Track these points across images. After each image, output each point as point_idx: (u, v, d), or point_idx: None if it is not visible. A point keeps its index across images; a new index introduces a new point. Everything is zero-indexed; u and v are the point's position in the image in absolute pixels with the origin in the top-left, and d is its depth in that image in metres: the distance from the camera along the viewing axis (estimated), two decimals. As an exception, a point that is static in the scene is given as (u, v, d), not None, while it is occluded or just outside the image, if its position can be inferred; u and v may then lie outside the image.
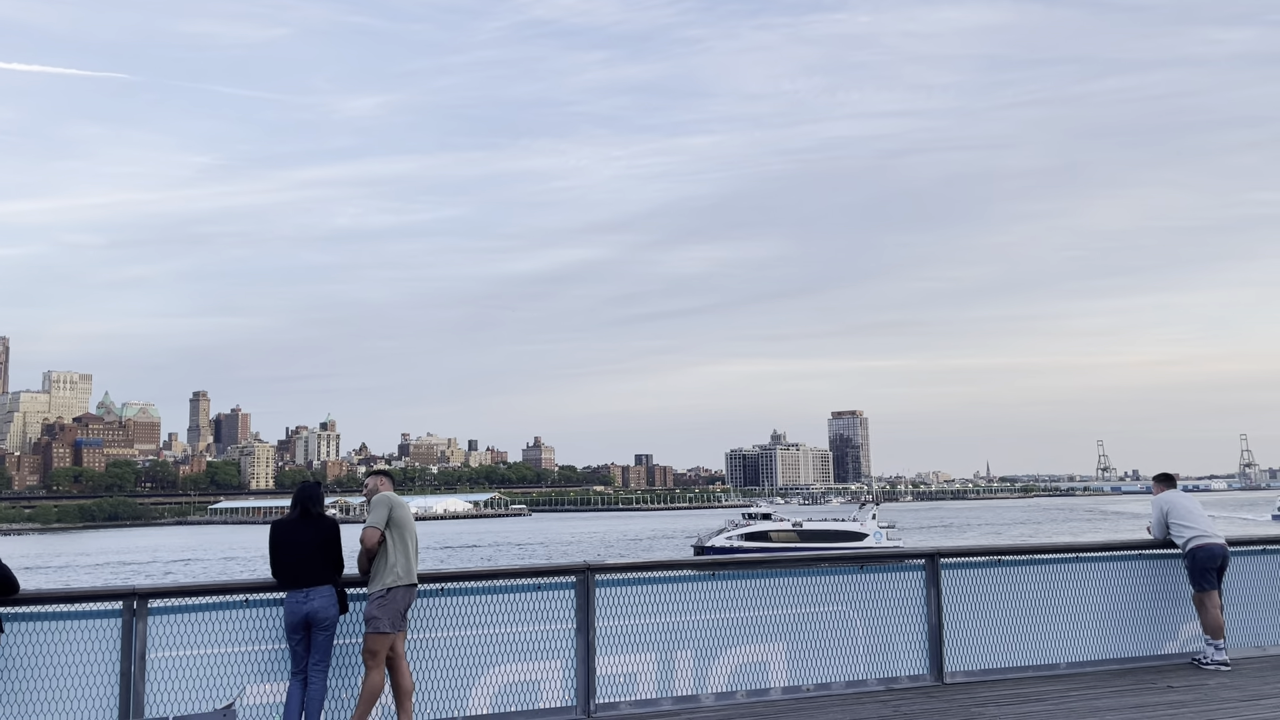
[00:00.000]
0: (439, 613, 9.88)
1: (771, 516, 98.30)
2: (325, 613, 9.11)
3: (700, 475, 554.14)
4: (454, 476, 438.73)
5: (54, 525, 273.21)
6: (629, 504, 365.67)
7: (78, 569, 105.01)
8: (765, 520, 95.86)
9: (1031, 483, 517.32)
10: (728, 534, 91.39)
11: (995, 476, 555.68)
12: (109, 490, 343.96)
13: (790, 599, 11.13)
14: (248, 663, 9.28)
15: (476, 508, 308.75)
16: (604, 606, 10.34)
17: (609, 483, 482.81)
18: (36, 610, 8.83)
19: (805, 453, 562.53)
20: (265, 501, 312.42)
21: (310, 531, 9.33)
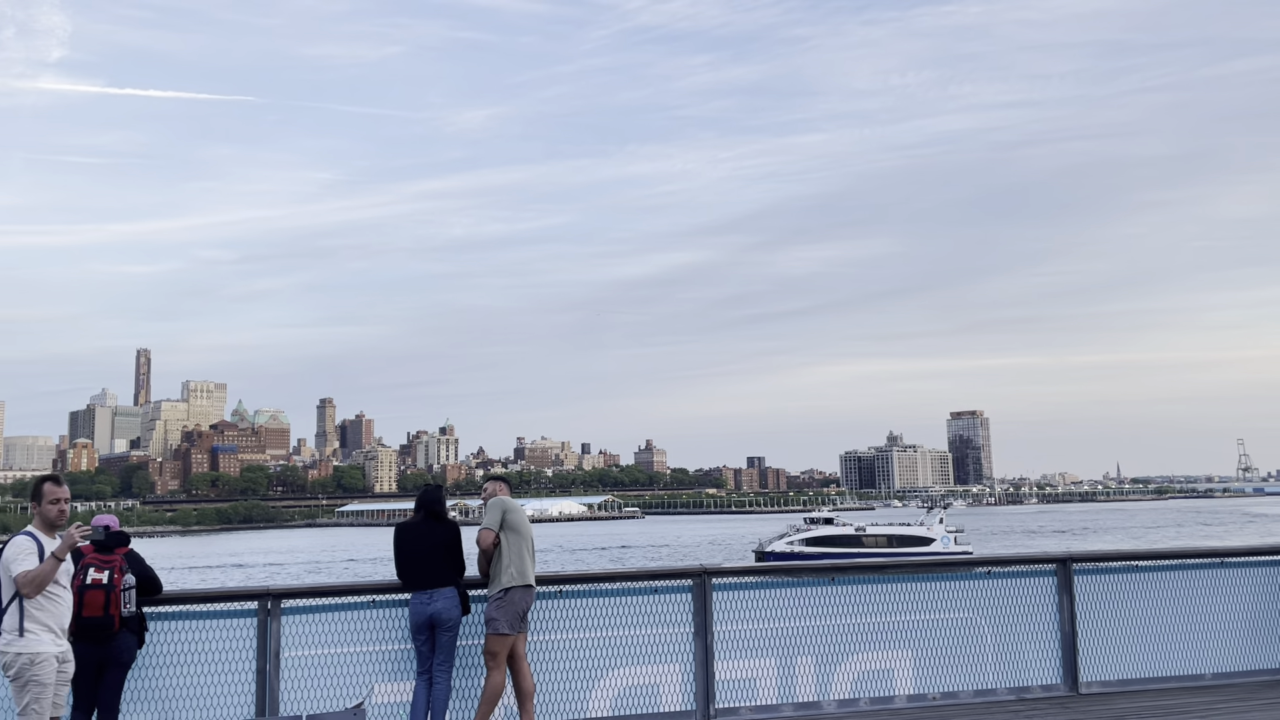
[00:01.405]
0: (558, 615, 9.96)
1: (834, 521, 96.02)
2: (449, 614, 9.27)
3: (814, 478, 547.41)
4: (568, 479, 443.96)
5: (193, 528, 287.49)
6: (741, 507, 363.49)
7: (216, 570, 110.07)
8: (827, 525, 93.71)
9: (1166, 484, 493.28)
10: (789, 539, 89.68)
11: (1126, 478, 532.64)
12: (243, 494, 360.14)
13: (914, 604, 10.83)
14: (375, 662, 9.52)
15: (590, 510, 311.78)
16: (721, 610, 10.25)
17: (721, 485, 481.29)
18: (179, 610, 9.25)
19: (923, 454, 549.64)
20: (389, 504, 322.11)
21: (433, 534, 9.50)
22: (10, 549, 7.80)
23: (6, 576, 7.77)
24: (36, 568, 7.69)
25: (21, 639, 7.67)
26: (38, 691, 7.66)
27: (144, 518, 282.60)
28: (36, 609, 7.73)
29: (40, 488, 8.14)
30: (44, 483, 8.16)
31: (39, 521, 8.04)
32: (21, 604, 7.71)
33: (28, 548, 7.80)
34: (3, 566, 7.80)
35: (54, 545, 7.88)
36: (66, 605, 7.96)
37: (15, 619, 7.71)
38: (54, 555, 7.75)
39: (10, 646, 7.67)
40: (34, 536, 7.92)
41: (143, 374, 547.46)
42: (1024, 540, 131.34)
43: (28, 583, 7.64)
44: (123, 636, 8.57)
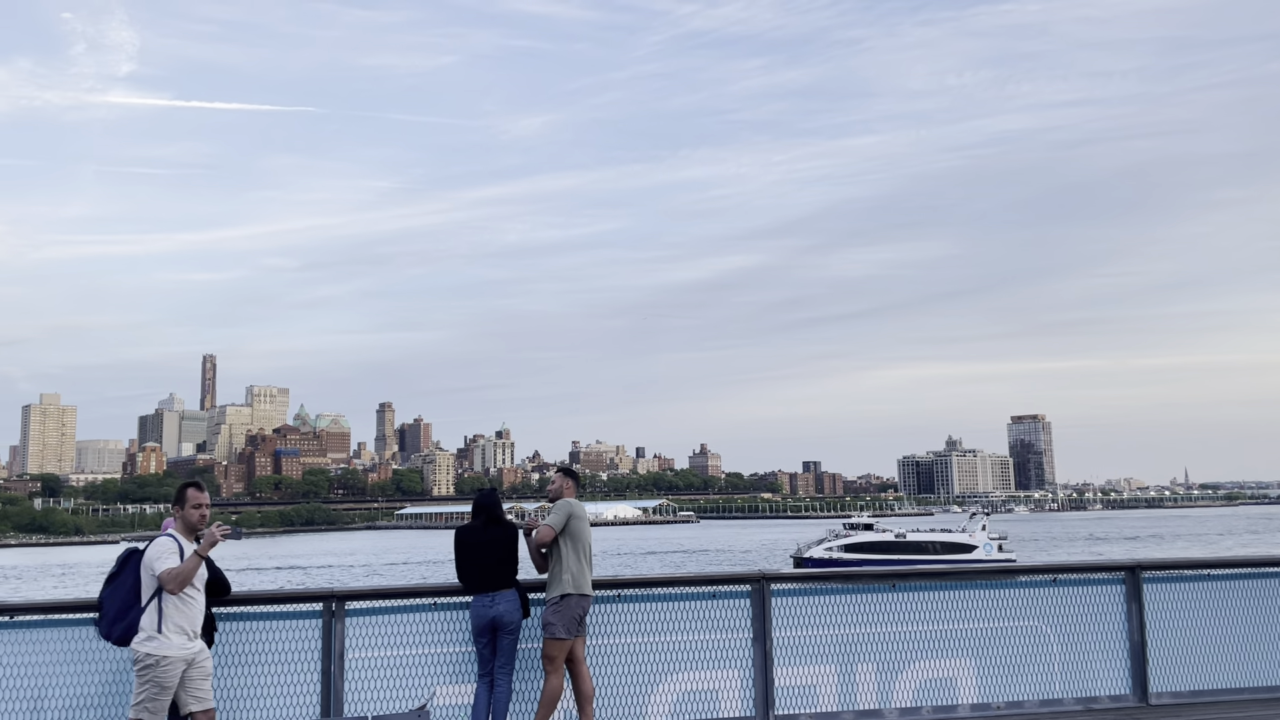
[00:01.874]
0: (617, 619, 9.97)
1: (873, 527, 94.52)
2: (509, 617, 9.34)
3: (871, 483, 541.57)
4: (622, 483, 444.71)
5: (257, 530, 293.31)
6: (798, 512, 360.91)
7: (282, 572, 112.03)
8: (866, 531, 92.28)
9: (1236, 490, 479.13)
10: (827, 544, 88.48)
11: (1194, 484, 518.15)
12: (305, 497, 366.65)
13: (977, 612, 10.66)
14: (438, 664, 9.61)
15: (645, 514, 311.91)
16: (780, 616, 10.19)
17: (777, 490, 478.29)
18: (246, 610, 9.44)
19: (983, 459, 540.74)
20: (447, 507, 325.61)
21: (492, 537, 9.57)
22: (153, 549, 8.19)
23: (148, 575, 8.14)
24: (182, 564, 8.10)
25: (154, 639, 8.02)
26: (154, 692, 7.98)
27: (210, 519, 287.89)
28: (172, 610, 8.08)
29: (183, 492, 8.52)
30: (186, 488, 8.54)
31: (180, 524, 8.42)
32: (160, 605, 8.06)
33: (170, 548, 8.18)
34: (145, 566, 8.18)
35: (191, 545, 8.28)
36: (199, 608, 8.32)
37: (153, 618, 8.08)
38: (196, 554, 8.17)
39: (143, 646, 8.04)
40: (175, 538, 8.28)
41: (208, 379, 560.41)
42: (1089, 547, 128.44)
43: (171, 579, 8.02)
44: (194, 636, 8.78)
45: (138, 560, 8.30)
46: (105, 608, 8.34)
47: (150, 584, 8.14)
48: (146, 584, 8.16)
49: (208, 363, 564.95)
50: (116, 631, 8.23)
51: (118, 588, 8.34)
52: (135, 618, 8.14)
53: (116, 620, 8.23)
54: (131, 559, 8.38)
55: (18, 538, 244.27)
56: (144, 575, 8.18)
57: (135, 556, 8.35)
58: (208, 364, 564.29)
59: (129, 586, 8.28)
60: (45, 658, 8.94)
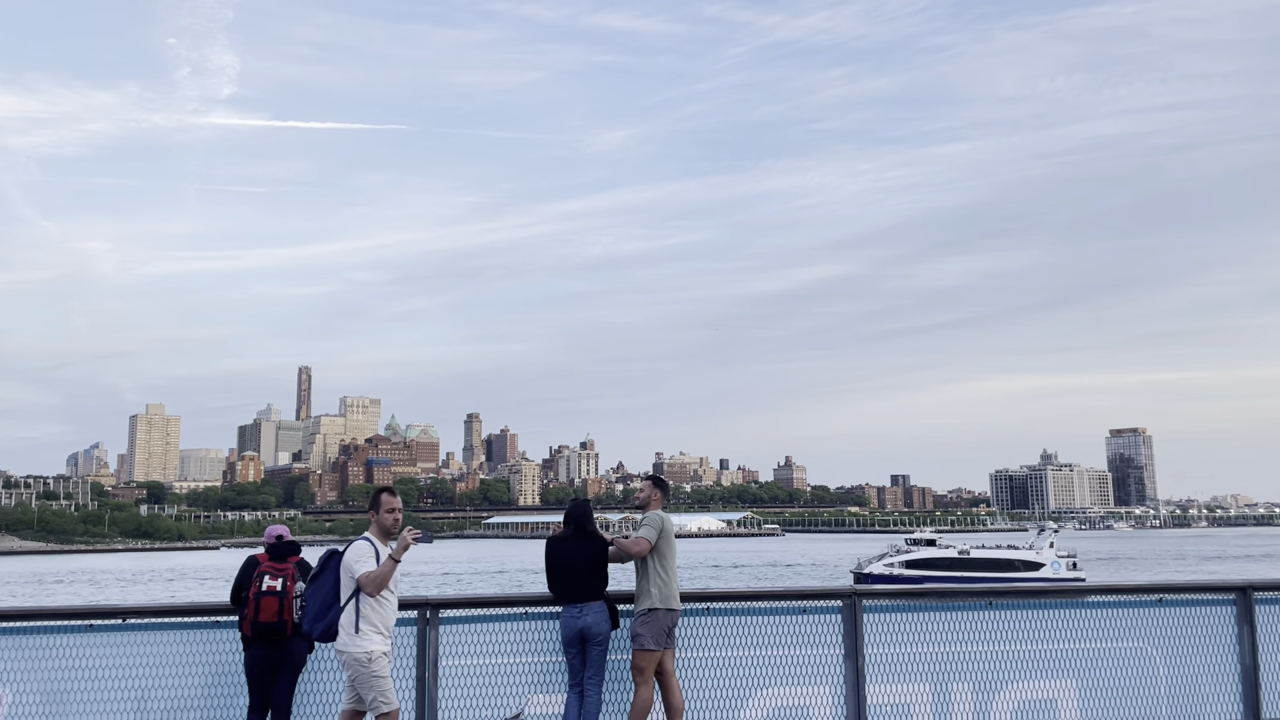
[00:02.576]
0: (705, 632, 9.93)
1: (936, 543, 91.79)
2: (598, 628, 9.38)
3: (962, 497, 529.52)
4: (706, 495, 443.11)
5: (350, 537, 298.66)
6: (886, 526, 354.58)
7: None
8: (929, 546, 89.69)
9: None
10: (888, 560, 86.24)
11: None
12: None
13: (1078, 632, 10.32)
14: (530, 673, 9.70)
15: (729, 527, 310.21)
16: (872, 632, 10.02)
17: (864, 504, 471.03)
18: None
19: (1080, 474, 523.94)
20: (532, 517, 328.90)
21: (582, 548, 9.62)
22: (352, 552, 8.66)
23: (347, 577, 8.60)
24: (378, 568, 8.53)
25: (355, 638, 8.46)
26: (380, 684, 8.45)
27: (305, 527, 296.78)
28: (369, 609, 8.52)
29: (378, 498, 8.93)
30: (381, 493, 8.95)
31: (376, 528, 8.86)
32: (358, 604, 8.51)
33: (368, 551, 8.64)
34: (345, 568, 8.64)
35: (386, 549, 8.69)
36: (393, 608, 8.78)
37: (351, 617, 8.52)
38: (391, 557, 8.57)
39: (349, 645, 8.47)
40: (371, 541, 8.73)
41: (304, 390, 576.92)
42: (1197, 566, 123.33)
43: (370, 582, 8.48)
44: (294, 641, 9.05)
45: (337, 561, 8.76)
46: (307, 606, 8.81)
47: (349, 585, 8.60)
48: (345, 585, 8.62)
49: (303, 374, 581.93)
50: (318, 629, 8.69)
51: (319, 587, 8.79)
52: (335, 616, 8.61)
53: (318, 618, 8.70)
54: (331, 560, 8.83)
55: (125, 543, 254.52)
56: (343, 576, 8.65)
57: (335, 558, 8.81)
58: (303, 375, 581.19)
59: (329, 586, 8.74)
60: (151, 659, 9.29)
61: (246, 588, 9.11)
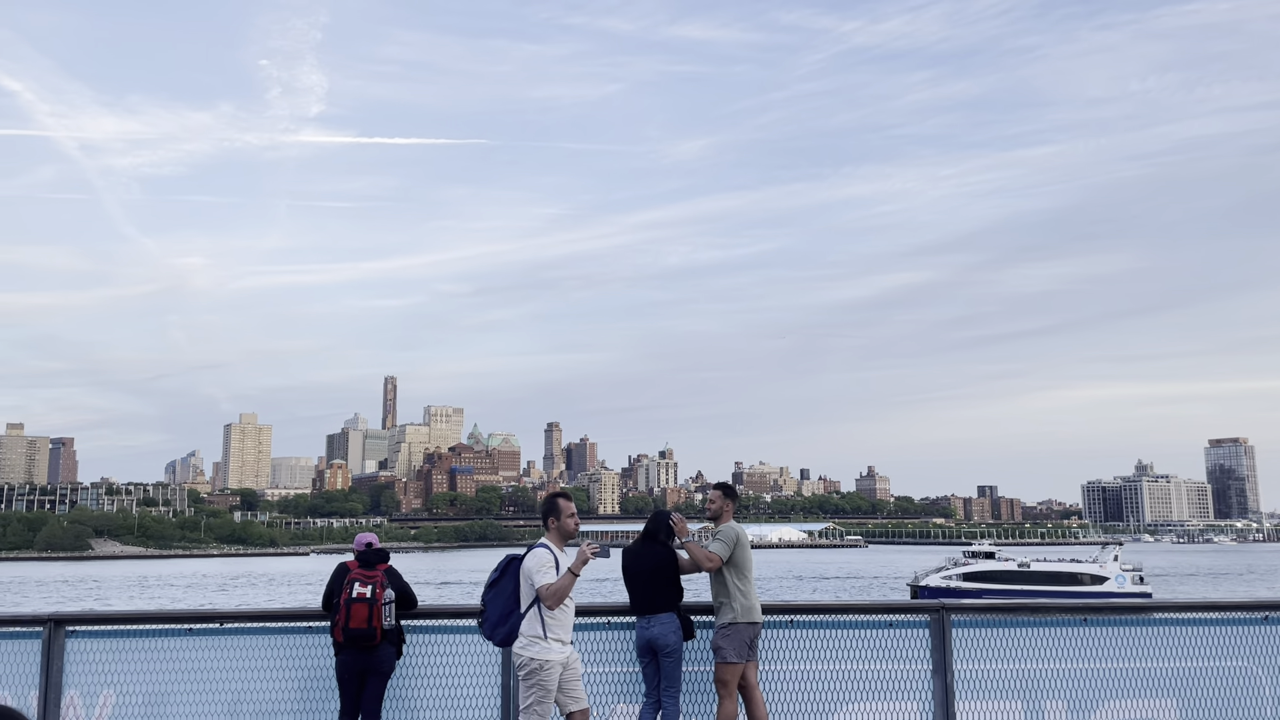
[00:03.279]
0: (789, 645, 9.82)
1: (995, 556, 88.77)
2: (665, 639, 9.34)
3: (1053, 509, 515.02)
4: (786, 505, 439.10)
5: (434, 544, 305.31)
6: (972, 538, 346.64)
7: (459, 586, 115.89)
8: (988, 559, 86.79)
9: None
10: (945, 573, 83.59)
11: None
12: (479, 513, 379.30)
13: (1178, 650, 9.93)
14: (612, 682, 9.72)
15: (810, 537, 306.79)
16: (961, 647, 9.79)
17: (949, 515, 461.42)
18: (430, 624, 9.83)
19: (1177, 485, 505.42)
20: (612, 526, 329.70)
21: (651, 559, 9.63)
22: (532, 559, 8.63)
23: (528, 584, 8.60)
24: (557, 581, 8.51)
25: (535, 645, 8.48)
26: (541, 695, 8.44)
27: (391, 534, 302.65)
28: (550, 617, 8.52)
29: (555, 503, 8.92)
30: (557, 498, 8.93)
31: (555, 535, 8.84)
32: (539, 611, 8.52)
33: (548, 561, 8.60)
34: (524, 575, 8.64)
35: (564, 556, 8.68)
36: (572, 614, 8.76)
37: (534, 624, 8.53)
38: (570, 571, 8.54)
39: (525, 650, 8.50)
40: (550, 549, 8.70)
41: (389, 400, 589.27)
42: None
43: (549, 595, 8.45)
44: (384, 647, 9.22)
45: (516, 567, 8.77)
46: (488, 612, 8.85)
47: (529, 591, 8.57)
48: (525, 591, 8.61)
49: (389, 384, 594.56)
50: (499, 635, 8.75)
51: (499, 593, 8.81)
52: (516, 623, 8.61)
53: (499, 624, 8.74)
54: (511, 565, 8.84)
55: (220, 548, 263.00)
56: (523, 582, 8.65)
57: (515, 563, 8.81)
58: (389, 385, 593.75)
59: (509, 592, 8.76)
60: (246, 663, 9.56)
61: (338, 594, 9.31)
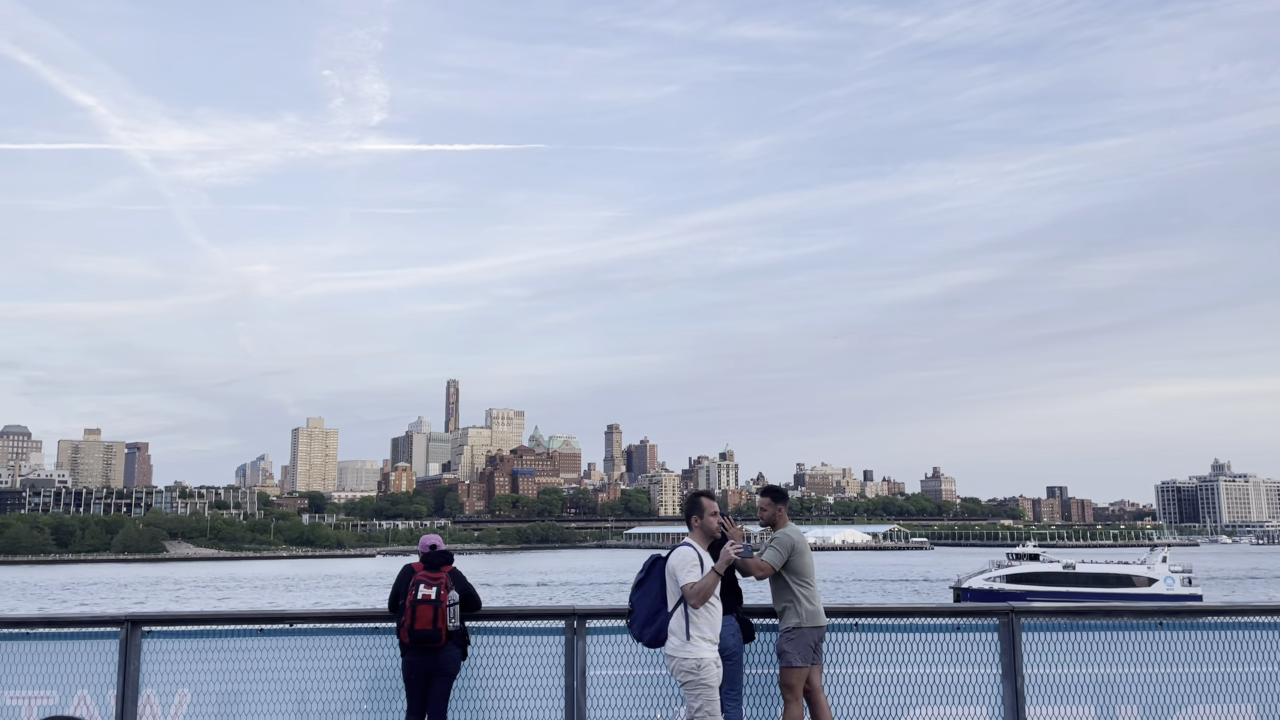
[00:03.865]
0: (854, 648, 9.70)
1: (1039, 558, 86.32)
2: (724, 643, 9.26)
3: (1125, 510, 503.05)
4: (850, 507, 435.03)
5: (497, 546, 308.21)
6: (1042, 540, 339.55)
7: (521, 588, 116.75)
8: (1032, 561, 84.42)
9: None
10: (988, 575, 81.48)
11: None
12: (541, 515, 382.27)
13: (1258, 654, 9.61)
14: (674, 685, 9.70)
15: (875, 539, 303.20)
16: (1031, 652, 9.59)
17: (1018, 516, 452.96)
18: (494, 625, 9.90)
19: (1256, 485, 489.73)
20: (673, 528, 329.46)
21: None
22: (676, 558, 8.57)
23: (673, 584, 8.55)
24: (701, 580, 8.45)
25: (689, 644, 8.40)
26: (709, 695, 8.36)
27: (454, 536, 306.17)
28: (698, 616, 8.44)
29: (698, 501, 8.89)
30: (700, 497, 8.89)
31: (698, 534, 8.81)
32: (686, 610, 8.45)
33: (692, 560, 8.53)
34: (669, 574, 8.62)
35: (707, 555, 8.64)
36: (719, 612, 8.67)
37: (681, 623, 8.46)
38: (714, 570, 8.48)
39: (679, 652, 8.42)
40: (694, 548, 8.68)
41: (452, 403, 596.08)
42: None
43: (694, 594, 8.40)
44: (449, 648, 9.31)
45: (661, 566, 8.71)
46: (635, 611, 8.79)
47: (675, 590, 8.53)
48: (671, 591, 8.56)
49: (451, 387, 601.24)
50: (647, 635, 8.66)
51: (645, 593, 8.75)
52: (664, 622, 8.55)
53: (646, 624, 8.67)
54: (656, 565, 8.77)
55: (289, 550, 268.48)
56: (669, 582, 8.58)
57: (660, 563, 8.75)
58: (451, 389, 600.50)
59: (655, 592, 8.68)
60: (315, 663, 9.73)
61: (403, 596, 9.42)
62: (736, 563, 9.25)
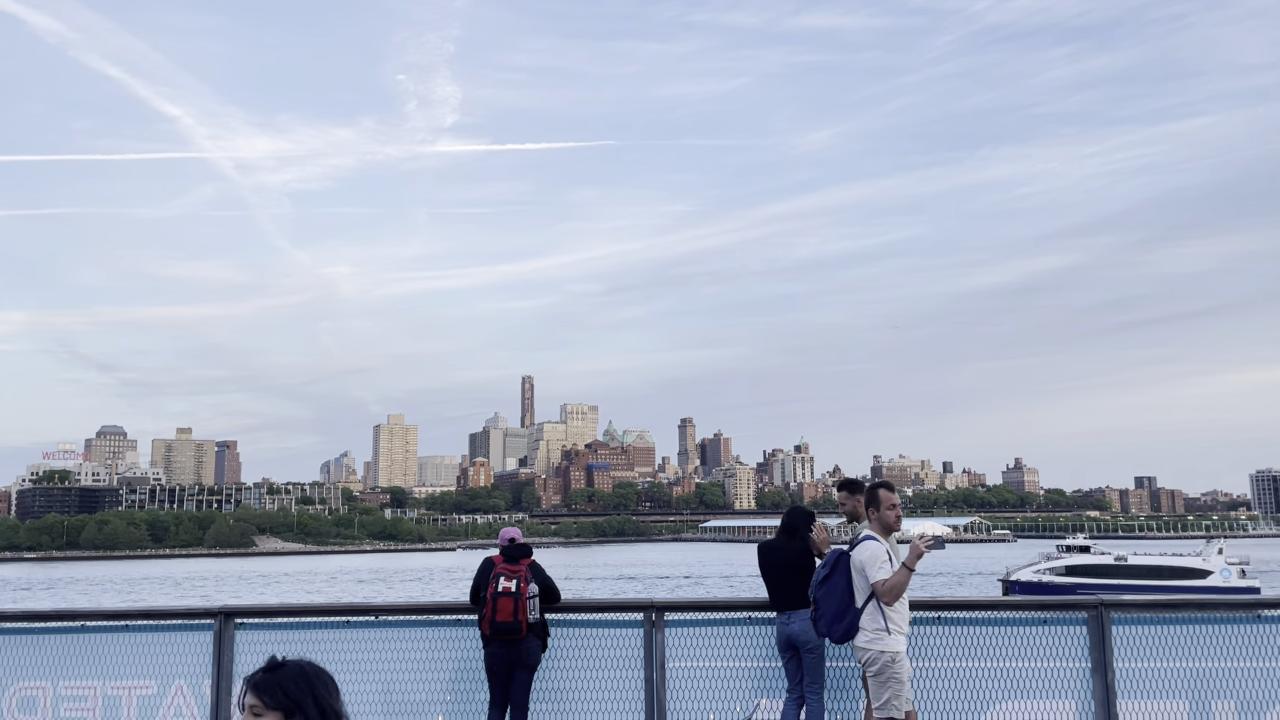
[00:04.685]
0: (939, 642, 9.56)
1: (1090, 549, 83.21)
2: (806, 635, 9.24)
3: (1218, 500, 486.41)
4: (929, 499, 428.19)
5: (574, 540, 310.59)
6: (1130, 531, 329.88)
7: (604, 580, 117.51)
8: (1083, 553, 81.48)
9: None
10: (1037, 567, 78.77)
11: None
12: (616, 509, 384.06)
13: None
14: (754, 678, 9.69)
15: (956, 532, 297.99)
16: (1121, 645, 9.35)
17: (1104, 508, 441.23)
18: (573, 618, 10.01)
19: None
20: (749, 521, 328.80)
21: (788, 554, 9.59)
22: (863, 553, 8.40)
23: (860, 578, 8.42)
24: (892, 577, 8.31)
25: (885, 638, 8.32)
26: (898, 688, 8.31)
27: (532, 529, 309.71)
28: (891, 610, 8.36)
29: (876, 493, 8.72)
30: (879, 489, 8.73)
31: (877, 526, 8.61)
32: (878, 605, 8.35)
33: (880, 553, 8.37)
34: (856, 569, 8.45)
35: (887, 548, 8.52)
36: (906, 605, 8.56)
37: (875, 618, 8.35)
38: (905, 566, 8.38)
39: (873, 645, 8.33)
40: (879, 541, 8.52)
41: (527, 398, 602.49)
42: None
43: (886, 592, 8.30)
44: (529, 640, 9.44)
45: (846, 561, 8.57)
46: (821, 608, 8.64)
47: (863, 585, 8.39)
48: (859, 585, 8.42)
49: (526, 383, 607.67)
50: (837, 631, 8.52)
51: (831, 588, 8.59)
52: (854, 618, 8.42)
53: (835, 621, 8.52)
54: (841, 560, 8.62)
55: (372, 544, 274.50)
56: (855, 577, 8.44)
57: (844, 558, 8.60)
58: (526, 384, 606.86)
59: (843, 588, 8.51)
60: (399, 654, 9.94)
61: (484, 588, 9.58)
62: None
